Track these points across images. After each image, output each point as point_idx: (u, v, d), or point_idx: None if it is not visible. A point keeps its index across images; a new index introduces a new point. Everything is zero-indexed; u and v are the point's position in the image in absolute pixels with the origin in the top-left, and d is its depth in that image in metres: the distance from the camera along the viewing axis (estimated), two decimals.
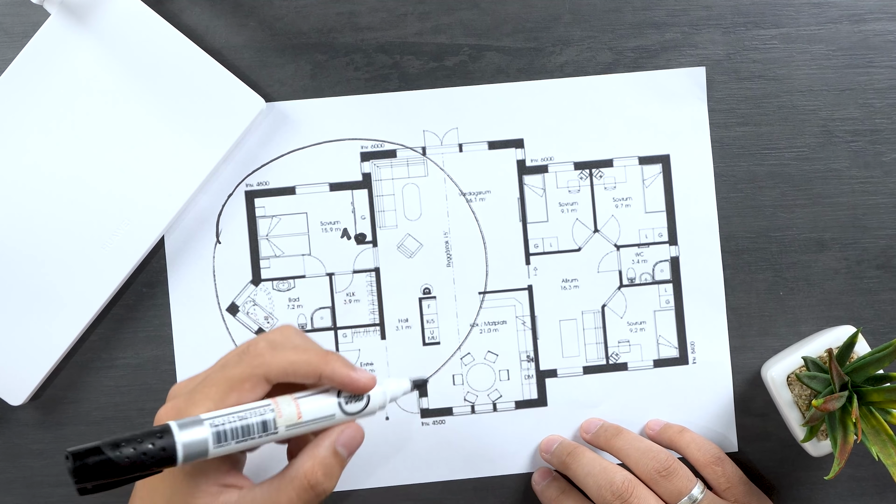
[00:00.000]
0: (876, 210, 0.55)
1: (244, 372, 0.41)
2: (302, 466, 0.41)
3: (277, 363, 0.41)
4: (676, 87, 0.55)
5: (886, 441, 0.47)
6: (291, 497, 0.41)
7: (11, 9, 0.54)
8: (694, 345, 0.55)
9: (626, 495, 0.49)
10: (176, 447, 0.37)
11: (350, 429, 0.42)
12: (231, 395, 0.41)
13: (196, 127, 0.53)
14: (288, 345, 0.43)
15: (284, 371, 0.41)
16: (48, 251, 0.53)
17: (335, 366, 0.42)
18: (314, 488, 0.41)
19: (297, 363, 0.42)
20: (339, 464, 0.42)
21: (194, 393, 0.41)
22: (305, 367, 0.42)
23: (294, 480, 0.41)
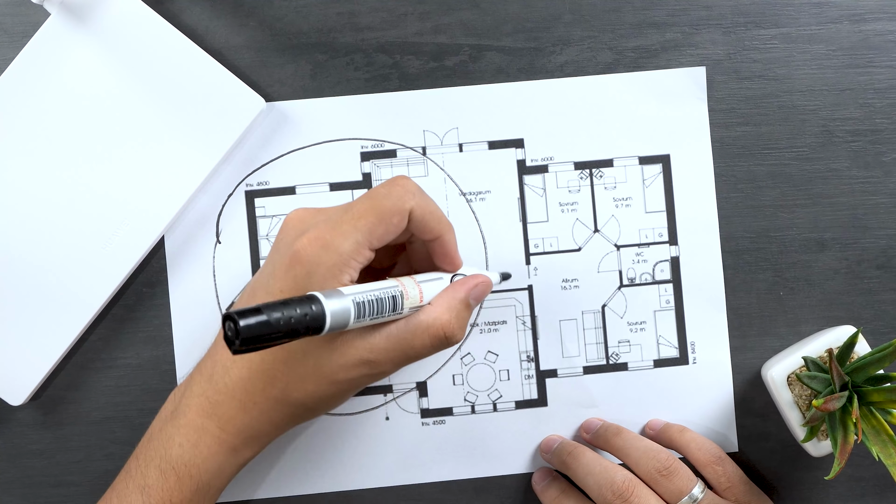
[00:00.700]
0: (876, 210, 0.55)
1: (394, 205, 0.42)
2: (440, 317, 0.43)
3: (423, 204, 0.43)
4: (676, 87, 0.55)
5: (887, 441, 0.47)
6: (426, 343, 0.43)
7: (11, 9, 0.54)
8: (694, 345, 0.55)
9: (626, 495, 0.49)
10: (325, 316, 0.38)
11: (483, 282, 0.45)
12: (380, 226, 0.42)
13: (196, 127, 0.53)
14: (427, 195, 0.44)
15: (424, 215, 0.43)
16: (48, 251, 0.53)
17: (452, 236, 0.45)
18: (449, 339, 0.43)
19: (434, 214, 0.43)
20: (469, 314, 0.44)
21: (341, 223, 0.41)
22: (437, 221, 0.43)
23: (430, 329, 0.43)
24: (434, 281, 0.44)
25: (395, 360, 0.43)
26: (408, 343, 0.43)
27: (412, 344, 0.43)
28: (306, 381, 0.43)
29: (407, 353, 0.43)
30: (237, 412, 0.44)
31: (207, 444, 0.44)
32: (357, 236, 0.41)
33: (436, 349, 0.43)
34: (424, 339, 0.43)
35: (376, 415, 0.55)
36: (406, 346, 0.43)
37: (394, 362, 0.43)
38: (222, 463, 0.45)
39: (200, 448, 0.44)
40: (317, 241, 0.41)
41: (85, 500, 0.54)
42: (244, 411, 0.44)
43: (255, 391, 0.43)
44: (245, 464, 0.47)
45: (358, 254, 0.42)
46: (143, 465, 0.45)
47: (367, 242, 0.42)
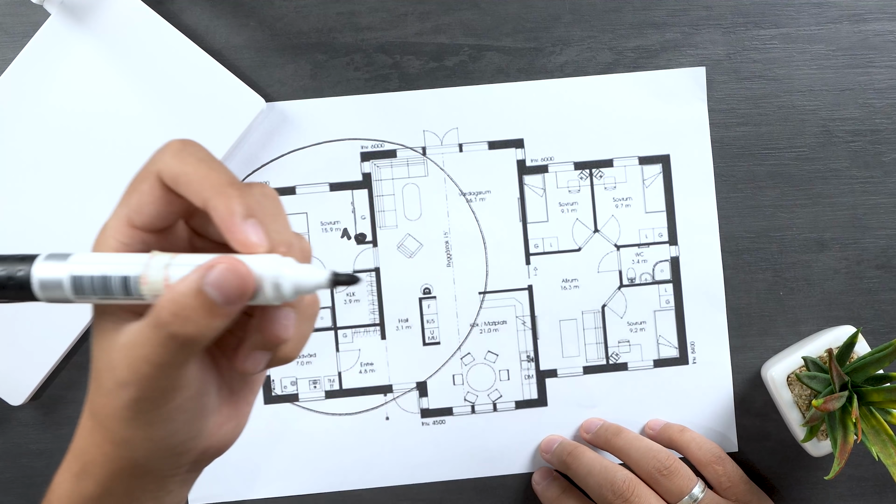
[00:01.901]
0: (876, 210, 0.55)
1: (143, 171, 0.35)
2: (158, 304, 0.31)
3: (172, 165, 0.34)
4: (676, 87, 0.55)
5: (886, 441, 0.47)
6: (147, 337, 0.31)
7: (11, 9, 0.54)
8: (694, 345, 0.55)
9: (626, 494, 0.49)
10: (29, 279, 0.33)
11: (228, 267, 0.31)
12: (133, 196, 0.34)
13: (196, 127, 0.53)
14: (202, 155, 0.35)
15: (177, 177, 0.33)
16: (48, 251, 0.53)
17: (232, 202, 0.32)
18: (163, 328, 0.31)
19: (191, 175, 0.33)
20: (204, 306, 0.31)
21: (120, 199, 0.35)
22: (197, 183, 0.33)
23: (149, 317, 0.32)
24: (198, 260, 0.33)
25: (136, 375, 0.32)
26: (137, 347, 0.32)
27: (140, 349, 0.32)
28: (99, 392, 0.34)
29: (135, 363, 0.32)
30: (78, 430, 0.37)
31: (62, 465, 0.38)
32: (118, 210, 0.34)
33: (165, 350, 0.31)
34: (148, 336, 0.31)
35: (376, 415, 0.55)
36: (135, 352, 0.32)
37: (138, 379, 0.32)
38: (69, 490, 0.37)
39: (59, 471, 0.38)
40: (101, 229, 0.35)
41: None
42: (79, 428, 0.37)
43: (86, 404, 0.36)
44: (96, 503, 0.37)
45: (118, 231, 0.34)
46: None
47: (126, 217, 0.34)
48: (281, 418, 0.55)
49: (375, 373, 0.55)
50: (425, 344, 0.55)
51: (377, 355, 0.55)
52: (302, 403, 0.55)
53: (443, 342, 0.55)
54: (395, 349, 0.55)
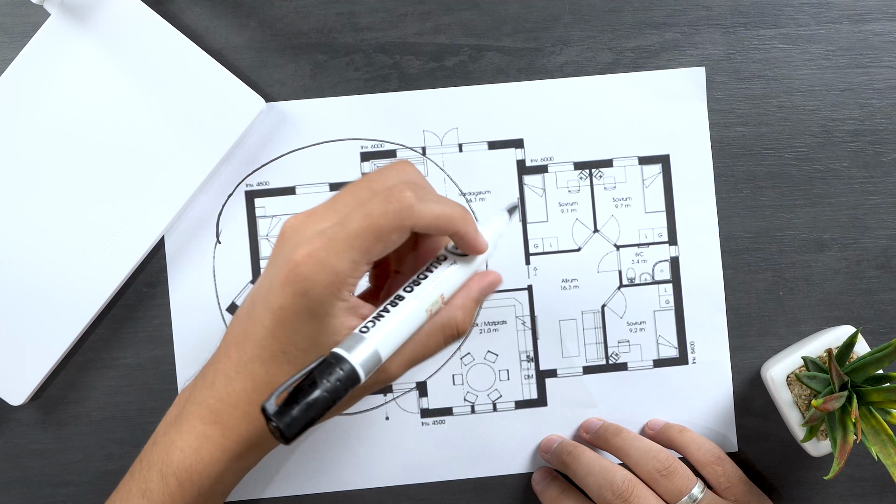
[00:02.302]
0: (876, 210, 0.55)
1: (392, 223, 0.40)
2: (454, 318, 0.43)
3: (426, 215, 0.41)
4: (676, 87, 0.55)
5: (886, 441, 0.47)
6: (439, 342, 0.43)
7: (11, 9, 0.54)
8: (694, 345, 0.55)
9: (626, 494, 0.49)
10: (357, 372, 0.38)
11: (494, 279, 0.45)
12: (377, 245, 0.40)
13: (196, 127, 0.53)
14: (429, 194, 0.42)
15: (429, 225, 0.41)
16: (48, 251, 0.53)
17: (470, 227, 0.43)
18: (460, 335, 0.44)
19: (441, 218, 0.41)
20: (476, 308, 0.45)
21: (336, 241, 0.40)
22: (446, 222, 0.42)
23: (445, 328, 0.43)
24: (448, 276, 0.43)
25: (405, 363, 0.43)
26: (421, 344, 0.43)
27: (426, 345, 0.43)
28: None
29: (420, 354, 0.43)
30: (241, 422, 0.43)
31: (209, 450, 0.44)
32: (353, 255, 0.40)
33: (447, 345, 0.44)
34: (438, 339, 0.43)
35: (376, 415, 0.55)
36: (419, 348, 0.43)
37: (404, 365, 0.43)
38: (224, 469, 0.44)
39: (202, 454, 0.44)
40: (311, 258, 0.40)
41: (85, 500, 0.54)
42: (248, 421, 0.43)
43: (260, 401, 0.43)
44: (248, 469, 0.46)
45: (355, 271, 0.41)
46: (145, 469, 0.45)
47: (364, 260, 0.41)
48: None
49: None
50: None
51: None
52: None
53: None
54: None
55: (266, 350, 0.42)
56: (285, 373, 0.42)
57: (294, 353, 0.42)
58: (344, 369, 0.38)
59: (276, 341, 0.42)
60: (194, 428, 0.44)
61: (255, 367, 0.43)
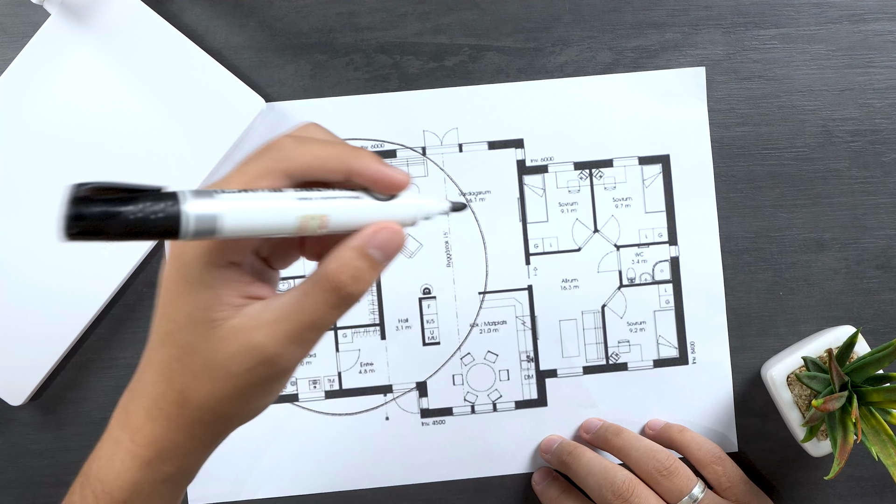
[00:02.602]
0: (876, 210, 0.55)
1: (263, 167, 0.36)
2: (327, 268, 0.36)
3: (302, 157, 0.36)
4: (676, 87, 0.55)
5: (886, 441, 0.47)
6: (317, 301, 0.36)
7: (11, 9, 0.54)
8: (694, 345, 0.55)
9: (626, 495, 0.49)
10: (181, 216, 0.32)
11: (385, 229, 0.36)
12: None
13: (196, 127, 0.53)
14: (314, 139, 0.37)
15: (309, 166, 0.36)
16: (48, 251, 0.53)
17: (367, 160, 0.37)
18: (338, 291, 0.36)
19: (323, 157, 0.36)
20: (371, 267, 0.36)
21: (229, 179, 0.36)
22: (333, 161, 0.36)
23: (318, 283, 0.36)
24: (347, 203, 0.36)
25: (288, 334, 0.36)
26: (299, 308, 0.36)
27: (303, 307, 0.36)
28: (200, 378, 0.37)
29: (301, 321, 0.36)
30: (144, 421, 0.39)
31: (121, 457, 0.39)
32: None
33: (332, 308, 0.36)
34: (315, 299, 0.36)
35: (376, 415, 0.55)
36: (297, 312, 0.36)
37: (287, 338, 0.36)
38: (137, 479, 0.39)
39: (115, 462, 0.39)
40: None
41: None
42: (151, 420, 0.38)
43: (158, 395, 0.38)
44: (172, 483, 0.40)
45: None
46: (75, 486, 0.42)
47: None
48: (281, 418, 0.55)
49: (375, 373, 0.55)
50: (425, 344, 0.55)
51: (377, 355, 0.55)
52: (302, 403, 0.55)
53: (443, 342, 0.55)
54: (394, 349, 0.55)
55: (158, 333, 0.38)
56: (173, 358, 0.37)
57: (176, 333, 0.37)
58: (168, 205, 0.32)
59: (163, 321, 0.38)
60: (110, 434, 0.40)
61: (151, 355, 0.39)
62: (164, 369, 0.38)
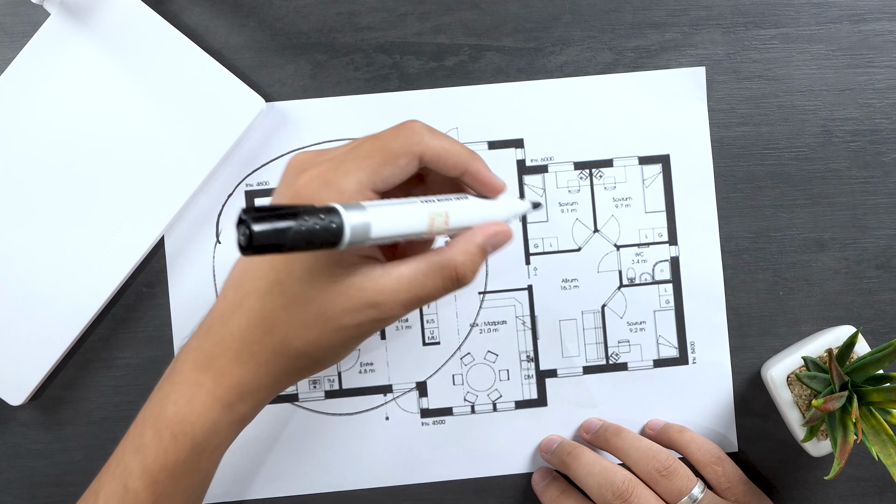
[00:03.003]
0: (876, 210, 0.55)
1: (402, 147, 0.40)
2: (454, 258, 0.41)
3: (435, 145, 0.41)
4: (676, 87, 0.55)
5: (886, 441, 0.47)
6: (437, 284, 0.41)
7: (11, 9, 0.54)
8: (694, 345, 0.55)
9: (626, 495, 0.49)
10: (344, 228, 0.36)
11: (502, 229, 0.43)
12: (385, 167, 0.40)
13: (196, 127, 0.53)
14: (442, 133, 0.42)
15: (439, 156, 0.41)
16: (48, 251, 0.53)
17: (481, 164, 0.42)
18: (460, 280, 0.41)
19: (450, 151, 0.41)
20: (483, 259, 0.42)
21: (344, 162, 0.39)
22: (456, 157, 0.41)
23: (444, 269, 0.41)
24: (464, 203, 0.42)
25: (405, 302, 0.41)
26: (419, 284, 0.41)
27: (424, 285, 0.41)
28: (309, 327, 0.40)
29: (418, 295, 0.41)
30: (232, 365, 0.41)
31: (202, 399, 0.41)
32: (360, 175, 0.39)
33: (447, 291, 0.42)
34: (436, 281, 0.41)
35: (376, 415, 0.55)
36: (417, 288, 0.41)
37: (403, 304, 0.41)
38: (217, 420, 0.42)
39: (194, 404, 0.41)
40: (317, 178, 0.39)
41: None
42: (240, 364, 0.41)
43: (253, 341, 0.41)
44: (243, 423, 0.43)
45: (360, 194, 0.39)
46: (139, 426, 0.43)
47: (371, 183, 0.40)
48: (281, 418, 0.55)
49: (375, 373, 0.55)
50: (425, 344, 0.55)
51: (377, 355, 0.55)
52: (302, 403, 0.55)
53: (443, 342, 0.55)
54: (394, 349, 0.55)
55: (262, 282, 0.40)
56: (280, 306, 0.40)
57: (290, 283, 0.40)
58: (330, 218, 0.35)
59: (272, 271, 0.40)
60: (187, 378, 0.42)
61: (251, 302, 0.40)
62: (267, 316, 0.40)
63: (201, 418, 0.41)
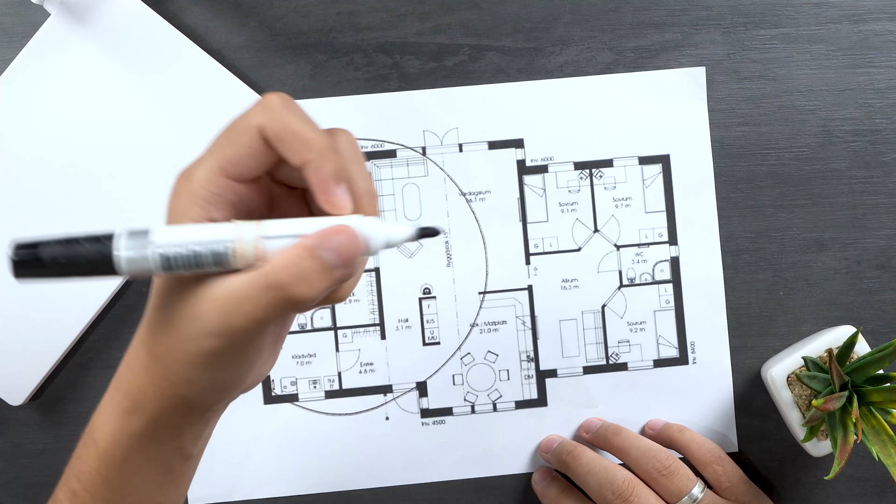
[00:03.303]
0: (876, 210, 0.55)
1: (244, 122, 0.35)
2: (274, 265, 0.33)
3: (279, 119, 0.34)
4: (676, 87, 0.55)
5: (886, 441, 0.47)
6: (256, 295, 0.33)
7: (11, 9, 0.54)
8: (694, 345, 0.55)
9: (626, 494, 0.49)
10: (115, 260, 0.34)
11: (343, 232, 0.33)
12: (229, 147, 0.35)
13: (196, 127, 0.53)
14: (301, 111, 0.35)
15: (279, 134, 0.34)
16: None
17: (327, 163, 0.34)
18: (279, 290, 0.33)
19: (297, 132, 0.34)
20: (321, 270, 0.33)
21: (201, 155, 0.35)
22: (300, 143, 0.34)
23: (262, 279, 0.33)
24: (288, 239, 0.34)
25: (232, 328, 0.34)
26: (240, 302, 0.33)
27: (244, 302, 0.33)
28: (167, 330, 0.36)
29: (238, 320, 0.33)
30: (125, 369, 0.38)
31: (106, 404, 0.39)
32: (209, 161, 0.35)
33: (273, 308, 0.33)
34: (258, 295, 0.33)
35: (376, 415, 0.55)
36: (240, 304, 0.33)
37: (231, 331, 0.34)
38: (116, 428, 0.38)
39: (101, 410, 0.39)
40: (180, 175, 0.36)
41: None
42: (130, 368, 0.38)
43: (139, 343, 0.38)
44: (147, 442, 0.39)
45: (210, 182, 0.35)
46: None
47: (220, 168, 0.35)
48: (281, 418, 0.55)
49: (375, 373, 0.55)
50: (425, 344, 0.55)
51: (377, 355, 0.55)
52: (302, 403, 0.55)
53: (443, 342, 0.55)
54: (395, 349, 0.55)
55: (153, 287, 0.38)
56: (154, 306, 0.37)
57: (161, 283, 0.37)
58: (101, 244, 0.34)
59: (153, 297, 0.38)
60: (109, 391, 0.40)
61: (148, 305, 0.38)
62: (148, 316, 0.37)
63: (104, 424, 0.39)
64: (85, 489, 0.39)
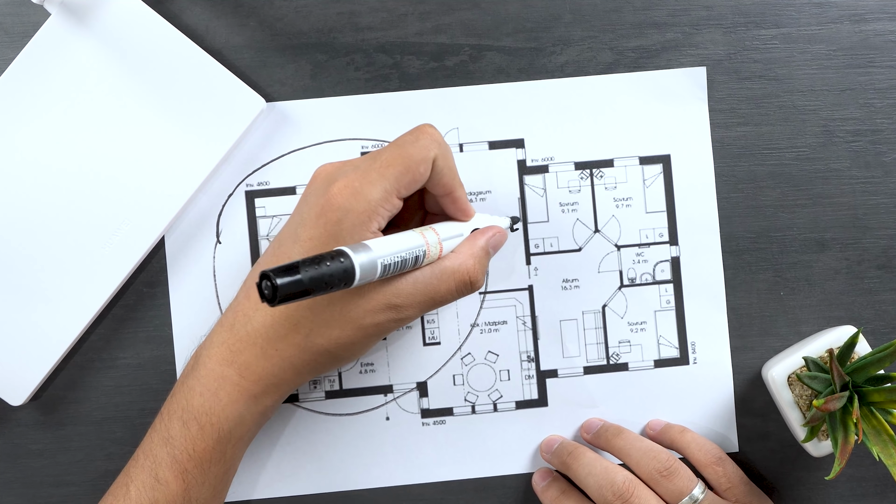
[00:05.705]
0: (876, 210, 0.55)
1: (420, 153, 0.44)
2: (464, 264, 0.45)
3: (445, 155, 0.45)
4: (677, 87, 0.55)
5: (887, 441, 0.47)
6: (451, 287, 0.45)
7: (11, 9, 0.54)
8: (694, 345, 0.55)
9: (626, 495, 0.49)
10: (355, 271, 0.40)
11: (499, 232, 0.48)
12: (406, 175, 0.43)
13: (196, 127, 0.53)
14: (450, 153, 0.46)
15: (443, 168, 0.45)
16: (48, 251, 0.53)
17: (463, 191, 0.47)
18: (472, 283, 0.46)
19: (452, 168, 0.46)
20: (488, 261, 0.48)
21: (370, 171, 0.43)
22: (451, 177, 0.46)
23: (455, 274, 0.45)
24: (454, 238, 0.47)
25: (421, 305, 0.45)
26: (434, 288, 0.45)
27: (438, 289, 0.45)
28: (331, 326, 0.44)
29: (433, 298, 0.45)
30: (257, 359, 0.45)
31: (227, 391, 0.45)
32: (385, 184, 0.43)
33: (460, 294, 0.46)
34: (450, 285, 0.45)
35: (376, 415, 0.55)
36: (432, 291, 0.45)
37: (419, 307, 0.45)
38: (242, 411, 0.45)
39: (220, 396, 0.45)
40: (347, 188, 0.43)
41: (85, 500, 0.54)
42: (265, 358, 0.45)
43: (277, 338, 0.44)
44: (267, 413, 0.47)
45: (386, 202, 0.43)
46: (166, 419, 0.46)
47: (395, 190, 0.43)
48: (281, 418, 0.55)
49: (375, 373, 0.55)
50: (425, 344, 0.55)
51: (377, 356, 0.55)
52: (302, 403, 0.55)
53: (443, 342, 0.55)
54: (395, 349, 0.55)
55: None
56: (304, 306, 0.44)
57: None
58: (343, 261, 0.39)
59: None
60: (212, 372, 0.45)
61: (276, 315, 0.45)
62: (291, 315, 0.44)
63: (227, 409, 0.45)
64: (197, 466, 0.45)
